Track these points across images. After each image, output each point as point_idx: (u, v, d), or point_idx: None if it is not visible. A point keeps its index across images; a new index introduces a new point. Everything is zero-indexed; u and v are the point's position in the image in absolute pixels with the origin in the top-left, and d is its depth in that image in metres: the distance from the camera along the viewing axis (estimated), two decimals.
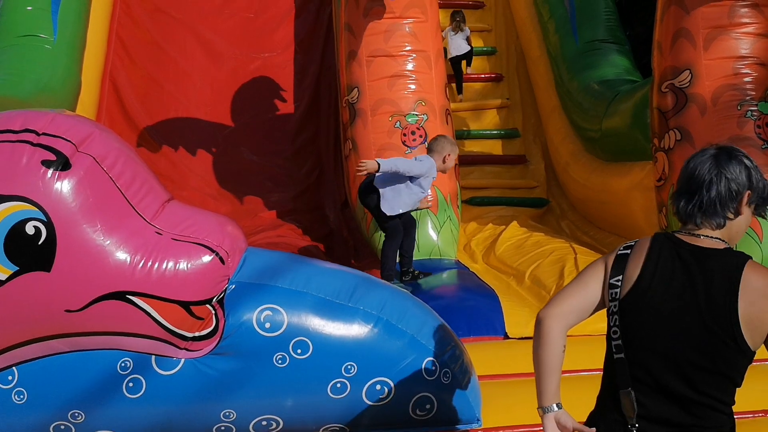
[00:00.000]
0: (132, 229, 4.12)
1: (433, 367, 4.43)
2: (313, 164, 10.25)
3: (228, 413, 4.34)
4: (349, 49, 8.40)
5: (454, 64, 11.10)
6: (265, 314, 4.28)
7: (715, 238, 2.86)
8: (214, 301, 4.24)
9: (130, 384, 4.25)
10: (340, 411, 4.41)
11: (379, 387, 4.37)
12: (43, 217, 3.95)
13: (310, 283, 4.43)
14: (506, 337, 5.86)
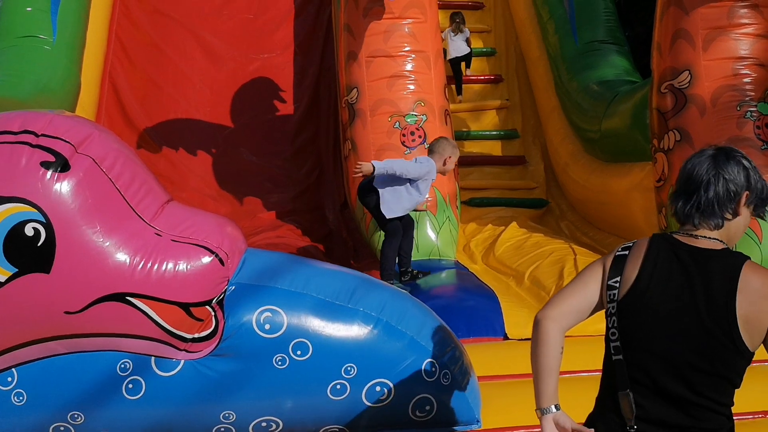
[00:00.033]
0: (131, 231, 4.11)
1: (433, 369, 4.42)
2: (312, 165, 10.24)
3: (228, 414, 4.34)
4: (349, 49, 8.39)
5: (453, 66, 11.10)
6: (264, 315, 4.28)
7: (713, 238, 2.85)
8: (214, 302, 4.24)
9: (130, 385, 4.24)
10: (339, 412, 4.41)
11: (378, 388, 4.37)
12: (43, 219, 3.95)
13: (310, 284, 4.43)
14: (506, 338, 5.86)
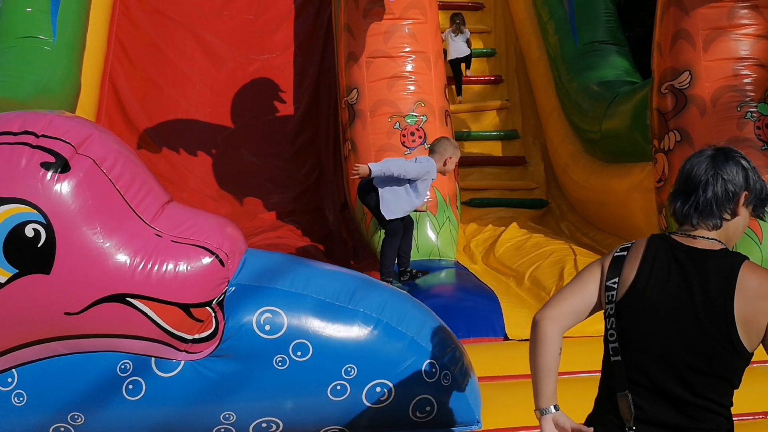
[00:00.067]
0: (131, 232, 4.11)
1: (433, 369, 4.42)
2: (312, 165, 10.24)
3: (228, 415, 4.34)
4: (349, 50, 8.39)
5: (453, 66, 11.10)
6: (265, 316, 4.28)
7: (712, 239, 2.85)
8: (214, 303, 4.24)
9: (130, 386, 4.24)
10: (340, 413, 4.41)
11: (379, 389, 4.37)
12: (43, 220, 3.95)
13: (310, 285, 4.42)
14: (506, 339, 5.86)
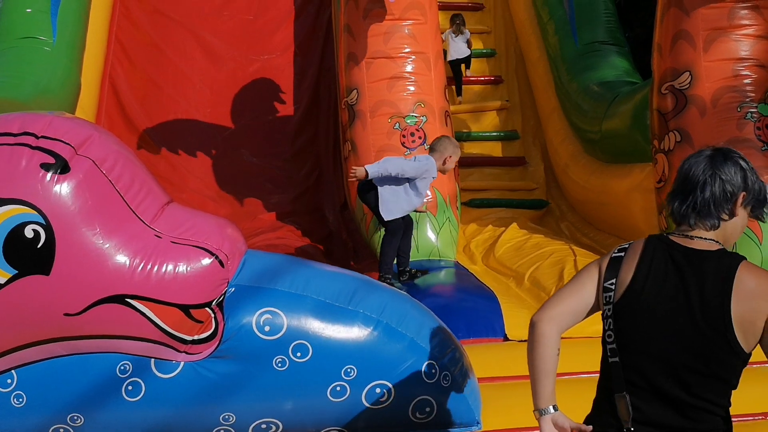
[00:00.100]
0: (131, 232, 4.11)
1: (433, 370, 4.42)
2: (312, 166, 10.24)
3: (227, 416, 4.33)
4: (349, 50, 8.39)
5: (453, 67, 11.10)
6: (264, 317, 4.28)
7: (709, 239, 2.85)
8: (214, 304, 4.24)
9: (130, 387, 4.24)
10: (339, 414, 4.40)
11: (378, 390, 4.36)
12: (42, 221, 3.94)
13: (310, 286, 4.42)
14: (506, 339, 5.86)
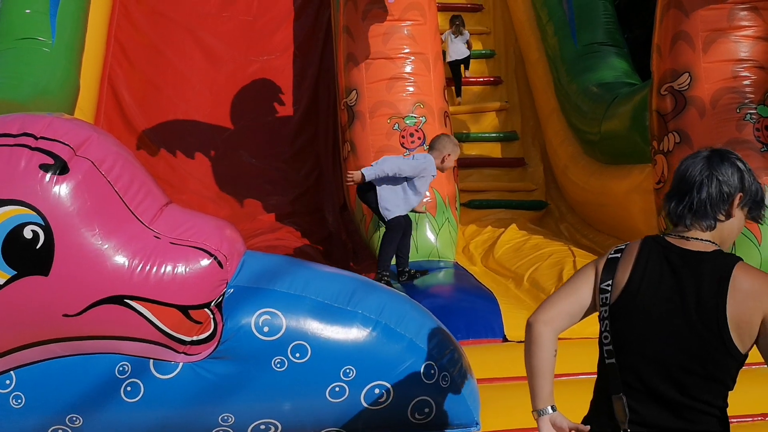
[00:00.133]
0: (130, 233, 4.11)
1: (432, 371, 4.42)
2: (311, 167, 10.24)
3: (226, 417, 4.33)
4: (348, 51, 8.39)
5: (452, 68, 11.10)
6: (263, 318, 4.28)
7: (705, 240, 2.85)
8: (213, 305, 4.24)
9: (128, 388, 4.24)
10: (338, 415, 4.40)
11: (377, 391, 4.36)
12: (41, 221, 3.94)
13: (309, 287, 4.42)
14: (505, 340, 5.86)
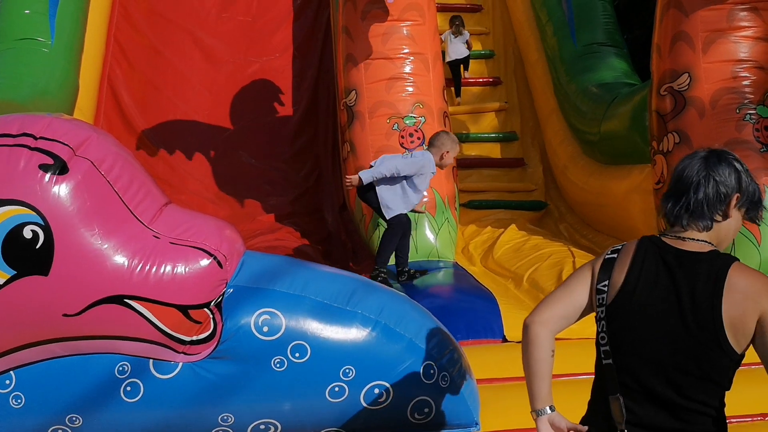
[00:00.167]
0: (130, 233, 4.11)
1: (432, 371, 4.42)
2: (311, 167, 10.24)
3: (226, 417, 4.33)
4: (347, 52, 8.39)
5: (452, 68, 11.10)
6: (263, 318, 4.28)
7: (702, 240, 2.85)
8: (212, 304, 4.24)
9: (128, 388, 4.24)
10: (338, 415, 4.40)
11: (377, 391, 4.36)
12: (41, 221, 3.94)
13: (308, 287, 4.42)
14: (504, 341, 5.86)
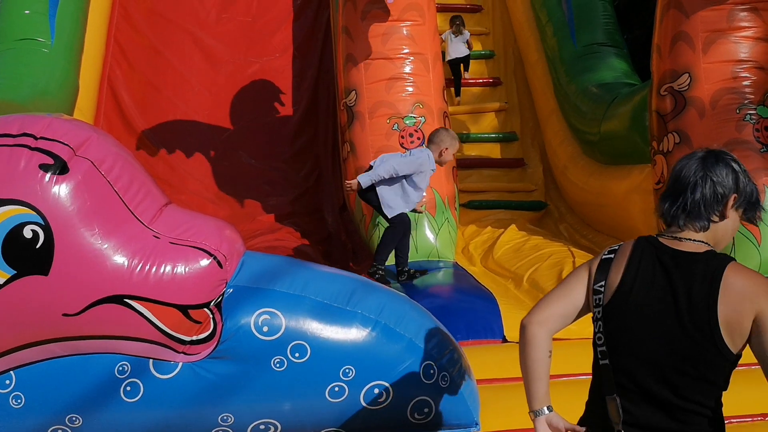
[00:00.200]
0: (130, 233, 4.11)
1: (431, 371, 4.41)
2: (311, 167, 10.24)
3: (226, 417, 4.33)
4: (347, 52, 8.39)
5: (452, 67, 11.11)
6: (262, 318, 4.27)
7: (698, 241, 2.84)
8: (212, 304, 4.24)
9: (128, 388, 4.24)
10: (338, 414, 4.40)
11: (377, 391, 4.36)
12: (41, 221, 3.94)
13: (308, 287, 4.42)
14: (504, 341, 5.86)
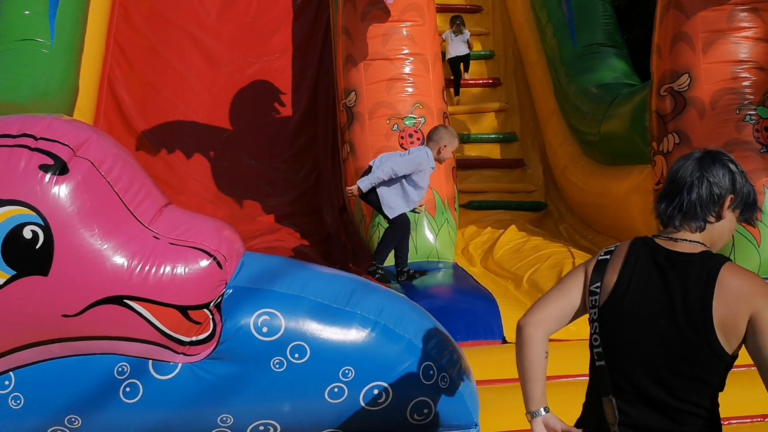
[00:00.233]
0: (129, 234, 4.11)
1: (431, 372, 4.41)
2: (311, 168, 10.24)
3: (225, 418, 4.33)
4: (347, 52, 8.39)
5: (452, 66, 11.11)
6: (262, 319, 4.27)
7: (694, 241, 2.84)
8: (212, 305, 4.23)
9: (127, 389, 4.23)
10: (337, 415, 4.40)
11: (376, 391, 4.36)
12: (41, 222, 3.94)
13: (308, 288, 4.42)
14: (504, 342, 5.86)
